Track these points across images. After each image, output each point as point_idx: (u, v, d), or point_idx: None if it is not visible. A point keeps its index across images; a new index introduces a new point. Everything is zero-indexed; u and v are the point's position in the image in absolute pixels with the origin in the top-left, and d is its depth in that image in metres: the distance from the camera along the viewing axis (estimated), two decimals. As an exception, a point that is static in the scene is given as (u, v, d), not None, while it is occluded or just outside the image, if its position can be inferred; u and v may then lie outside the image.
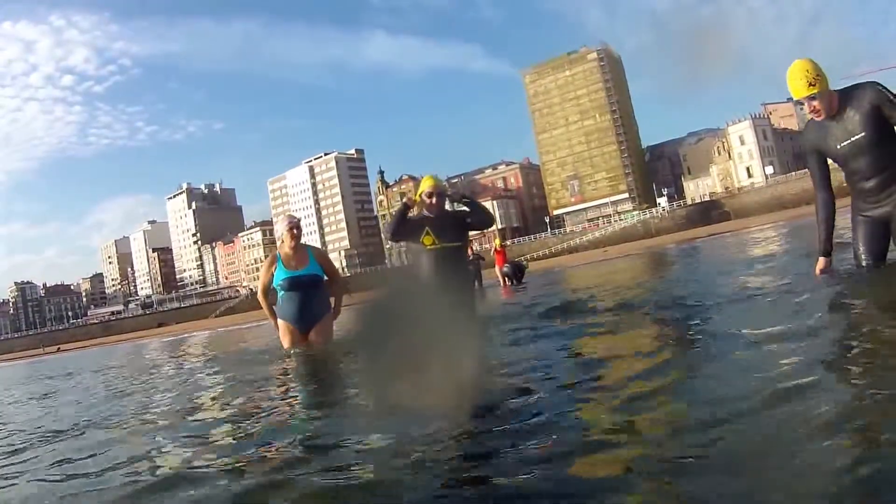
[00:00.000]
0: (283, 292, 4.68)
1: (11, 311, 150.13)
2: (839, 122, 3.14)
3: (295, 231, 4.79)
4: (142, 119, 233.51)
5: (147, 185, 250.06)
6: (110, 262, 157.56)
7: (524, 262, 16.98)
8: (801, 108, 3.18)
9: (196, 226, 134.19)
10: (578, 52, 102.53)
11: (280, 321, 4.73)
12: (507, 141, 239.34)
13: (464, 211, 4.32)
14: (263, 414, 2.46)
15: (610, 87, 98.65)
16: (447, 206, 4.26)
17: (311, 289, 4.66)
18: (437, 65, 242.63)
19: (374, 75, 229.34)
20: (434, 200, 4.14)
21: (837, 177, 3.34)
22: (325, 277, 4.79)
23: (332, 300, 4.92)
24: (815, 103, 3.09)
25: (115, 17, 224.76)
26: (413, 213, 4.16)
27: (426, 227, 4.06)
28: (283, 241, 4.85)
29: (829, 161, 3.31)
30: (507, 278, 14.79)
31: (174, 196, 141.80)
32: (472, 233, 4.58)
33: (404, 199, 4.21)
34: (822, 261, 3.39)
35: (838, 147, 3.17)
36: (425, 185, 4.21)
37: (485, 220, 4.24)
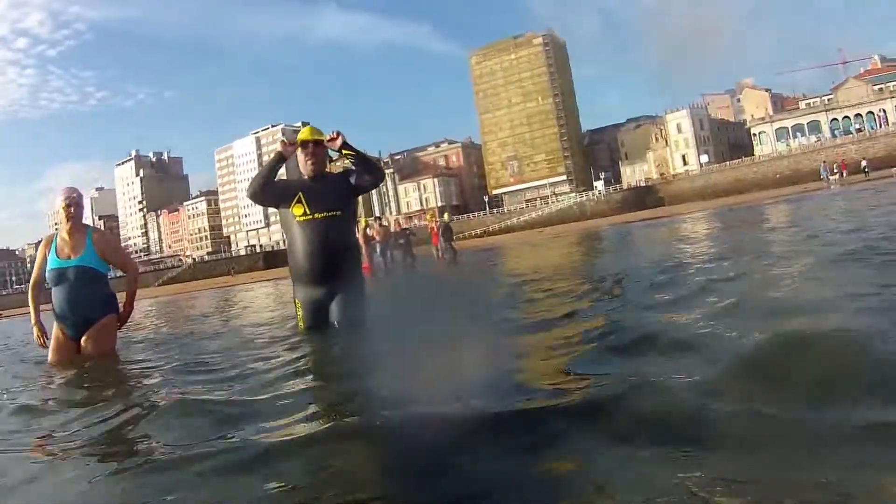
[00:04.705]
0: (52, 287, 3.75)
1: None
2: None
3: (72, 209, 3.75)
4: (93, 84, 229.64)
5: (97, 152, 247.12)
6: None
7: (447, 221, 17.67)
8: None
9: (143, 193, 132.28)
10: (524, 36, 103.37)
11: (54, 324, 3.79)
12: (452, 121, 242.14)
13: (349, 171, 3.50)
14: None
15: (553, 72, 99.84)
16: (330, 167, 3.57)
17: (80, 284, 3.68)
18: (387, 42, 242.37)
19: (326, 50, 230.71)
20: (311, 151, 3.41)
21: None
22: (108, 270, 3.83)
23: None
24: None
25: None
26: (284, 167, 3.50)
27: (299, 192, 3.35)
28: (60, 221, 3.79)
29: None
30: (442, 253, 16.40)
31: (122, 163, 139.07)
32: (416, 210, 4.11)
33: (278, 148, 3.46)
34: None
35: None
36: (301, 136, 3.44)
37: (375, 175, 3.47)
